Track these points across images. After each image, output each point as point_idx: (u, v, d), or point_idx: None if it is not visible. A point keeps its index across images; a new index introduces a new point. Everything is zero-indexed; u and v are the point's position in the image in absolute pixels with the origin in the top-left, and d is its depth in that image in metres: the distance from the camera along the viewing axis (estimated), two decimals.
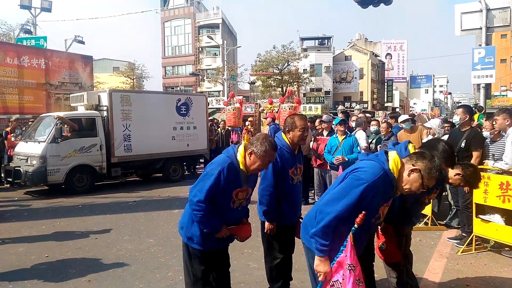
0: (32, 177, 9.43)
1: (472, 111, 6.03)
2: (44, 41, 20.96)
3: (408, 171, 2.50)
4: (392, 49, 65.56)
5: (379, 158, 2.58)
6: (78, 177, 10.10)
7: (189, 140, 12.33)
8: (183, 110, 12.18)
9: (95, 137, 10.41)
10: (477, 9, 10.88)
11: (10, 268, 4.89)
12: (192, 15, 51.11)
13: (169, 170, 11.97)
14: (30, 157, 9.61)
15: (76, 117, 10.52)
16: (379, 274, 3.82)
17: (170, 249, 5.58)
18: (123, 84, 42.61)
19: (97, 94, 11.18)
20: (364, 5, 10.82)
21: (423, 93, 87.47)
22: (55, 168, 9.67)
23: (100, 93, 11.14)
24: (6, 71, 13.22)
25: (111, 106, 10.58)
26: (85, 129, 10.42)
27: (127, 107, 10.83)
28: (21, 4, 22.61)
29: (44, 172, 9.52)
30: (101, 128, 10.52)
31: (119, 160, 10.79)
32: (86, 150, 10.20)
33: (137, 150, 11.03)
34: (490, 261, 5.04)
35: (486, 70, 11.11)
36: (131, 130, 10.91)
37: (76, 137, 10.09)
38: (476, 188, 3.65)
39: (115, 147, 10.67)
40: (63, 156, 9.82)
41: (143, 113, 11.05)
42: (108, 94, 10.70)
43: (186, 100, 12.42)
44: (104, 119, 10.66)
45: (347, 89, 52.72)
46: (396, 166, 2.52)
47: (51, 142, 9.68)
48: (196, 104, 12.73)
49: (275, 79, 40.59)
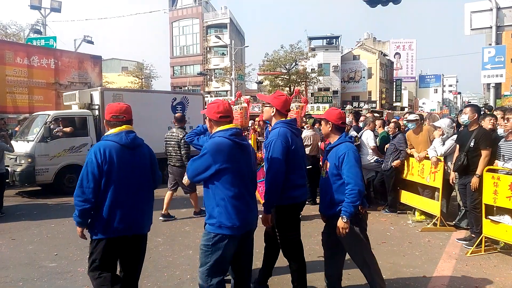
0: (20, 176, 9.24)
1: (480, 110, 5.98)
2: (53, 41, 21.13)
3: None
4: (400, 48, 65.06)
5: (345, 138, 3.64)
6: (69, 177, 9.86)
7: None
8: (178, 110, 11.84)
9: (86, 136, 10.19)
10: (487, 7, 10.78)
11: (19, 266, 4.95)
12: (200, 15, 51.20)
13: (164, 172, 11.68)
14: (19, 157, 9.40)
15: (67, 116, 10.36)
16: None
17: (178, 248, 5.61)
18: (132, 84, 42.81)
19: (90, 92, 10.98)
20: (373, 4, 10.76)
21: (432, 92, 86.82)
22: (43, 168, 9.48)
23: (92, 92, 10.93)
24: (16, 71, 13.37)
25: (103, 105, 10.27)
26: (76, 128, 10.19)
27: None
28: (31, 5, 22.79)
29: (32, 172, 9.32)
30: (92, 127, 10.29)
31: None
32: (76, 150, 9.97)
33: None
34: (500, 262, 4.99)
35: (496, 69, 11.01)
36: None
37: (66, 136, 9.91)
38: None
39: None
40: (52, 156, 9.61)
41: (137, 113, 10.47)
42: (100, 92, 10.50)
43: (182, 100, 12.18)
44: (96, 118, 10.43)
45: (355, 88, 52.47)
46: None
47: (40, 142, 9.48)
48: (193, 104, 12.46)
49: (282, 78, 40.53)
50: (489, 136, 5.54)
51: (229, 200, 2.96)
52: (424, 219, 6.96)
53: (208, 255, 2.99)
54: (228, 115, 3.18)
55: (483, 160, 5.36)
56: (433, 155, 6.55)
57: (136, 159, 3.27)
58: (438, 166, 6.51)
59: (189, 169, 3.07)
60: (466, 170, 5.65)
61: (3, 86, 13.08)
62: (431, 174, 6.67)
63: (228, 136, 3.03)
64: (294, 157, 3.60)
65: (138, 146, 3.32)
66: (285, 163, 3.51)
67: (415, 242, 5.83)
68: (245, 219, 3.04)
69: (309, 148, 8.29)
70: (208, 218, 3.04)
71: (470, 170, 5.56)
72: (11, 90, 13.26)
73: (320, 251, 5.51)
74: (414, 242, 5.83)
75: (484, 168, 5.31)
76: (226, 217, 2.95)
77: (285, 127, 3.68)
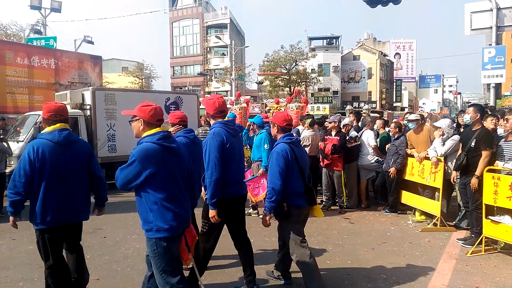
0: (10, 177, 9.10)
1: (483, 110, 5.93)
2: (53, 41, 21.15)
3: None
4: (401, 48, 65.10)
5: (283, 139, 4.02)
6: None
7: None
8: (172, 110, 11.64)
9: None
10: (487, 8, 10.79)
11: (20, 266, 4.95)
12: (200, 15, 51.23)
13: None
14: (9, 157, 9.14)
15: None
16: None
17: None
18: (132, 84, 42.84)
19: (81, 92, 10.87)
20: (373, 4, 10.75)
21: (432, 93, 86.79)
22: None
23: (84, 92, 10.83)
24: (16, 71, 13.39)
25: (94, 104, 10.28)
26: None
27: (111, 106, 10.54)
28: (31, 5, 22.81)
29: None
30: (83, 127, 10.21)
31: (103, 161, 10.09)
32: None
33: (122, 150, 10.46)
34: (500, 262, 4.99)
35: (496, 69, 11.01)
36: (116, 130, 10.59)
37: None
38: None
39: (99, 147, 10.29)
40: None
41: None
42: (91, 92, 10.41)
43: (175, 99, 12.10)
44: (88, 118, 10.37)
45: (356, 89, 52.48)
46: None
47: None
48: (187, 104, 12.39)
49: (283, 79, 40.53)
50: (491, 136, 5.51)
51: (162, 203, 3.01)
52: (424, 219, 6.96)
53: (157, 260, 3.05)
54: (160, 118, 3.26)
55: (483, 160, 5.35)
56: (433, 155, 6.55)
57: (69, 154, 3.55)
58: (438, 166, 6.51)
59: (119, 177, 3.07)
60: (465, 170, 5.65)
61: (4, 86, 13.10)
62: (431, 174, 6.67)
63: (156, 140, 3.09)
64: (229, 155, 3.84)
65: (72, 143, 3.59)
66: (221, 160, 3.75)
67: (415, 242, 5.83)
68: (180, 219, 3.10)
69: (308, 148, 8.28)
70: (144, 224, 3.07)
71: (469, 170, 5.56)
72: (11, 90, 13.28)
73: (318, 251, 5.54)
74: (414, 242, 5.83)
75: (484, 168, 5.30)
76: (162, 220, 3.00)
77: (221, 127, 3.89)
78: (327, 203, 7.89)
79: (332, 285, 4.32)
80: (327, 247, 5.64)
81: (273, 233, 6.30)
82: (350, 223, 7.00)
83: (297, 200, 3.95)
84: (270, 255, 5.25)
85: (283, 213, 3.97)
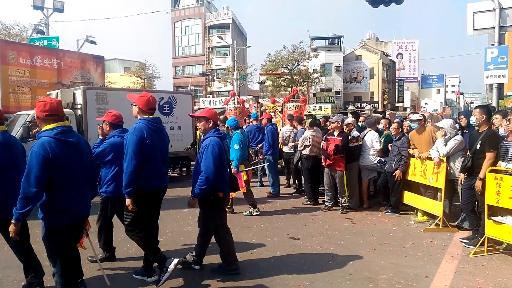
0: None
1: (489, 111, 5.85)
2: (56, 41, 21.17)
3: None
4: (403, 48, 65.09)
5: (213, 133, 4.45)
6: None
7: (172, 140, 11.04)
8: (166, 109, 11.65)
9: None
10: (490, 8, 10.77)
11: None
12: (203, 15, 51.28)
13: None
14: None
15: None
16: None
17: (180, 248, 5.61)
18: (134, 84, 42.92)
19: (72, 91, 10.68)
20: (375, 4, 10.74)
21: (435, 93, 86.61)
22: None
23: (75, 91, 10.64)
24: (19, 71, 13.39)
25: (85, 104, 10.14)
26: None
27: (103, 105, 10.36)
28: (34, 5, 22.89)
29: None
30: (74, 127, 9.79)
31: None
32: None
33: None
34: (503, 263, 4.98)
35: (499, 70, 10.99)
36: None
37: None
38: None
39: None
40: None
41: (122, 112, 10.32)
42: (82, 91, 10.26)
43: (169, 99, 11.91)
44: (79, 117, 10.22)
45: (358, 89, 52.42)
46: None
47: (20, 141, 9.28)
48: (181, 103, 12.18)
49: (285, 79, 40.53)
50: (496, 138, 5.45)
51: (63, 194, 3.30)
52: (426, 219, 6.95)
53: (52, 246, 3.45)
54: (55, 113, 3.27)
55: (487, 162, 5.31)
56: (435, 156, 6.53)
57: (13, 155, 3.84)
58: (440, 167, 6.49)
59: (28, 178, 3.18)
60: (470, 171, 5.63)
61: (6, 86, 13.10)
62: (433, 174, 6.66)
63: (53, 135, 3.16)
64: (150, 149, 4.10)
65: (12, 144, 3.85)
66: (139, 154, 4.01)
67: (417, 243, 5.82)
68: (80, 207, 3.46)
69: (309, 148, 8.27)
70: (44, 216, 3.37)
71: (474, 171, 5.53)
72: (14, 90, 13.28)
73: (320, 251, 5.53)
74: (416, 243, 5.82)
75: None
76: (64, 208, 3.32)
77: (144, 123, 4.13)
78: (329, 203, 7.88)
79: (334, 286, 4.32)
80: (329, 247, 5.63)
81: (275, 233, 6.32)
82: (352, 223, 6.99)
83: (226, 189, 4.53)
84: (270, 254, 5.26)
85: (212, 201, 4.42)
